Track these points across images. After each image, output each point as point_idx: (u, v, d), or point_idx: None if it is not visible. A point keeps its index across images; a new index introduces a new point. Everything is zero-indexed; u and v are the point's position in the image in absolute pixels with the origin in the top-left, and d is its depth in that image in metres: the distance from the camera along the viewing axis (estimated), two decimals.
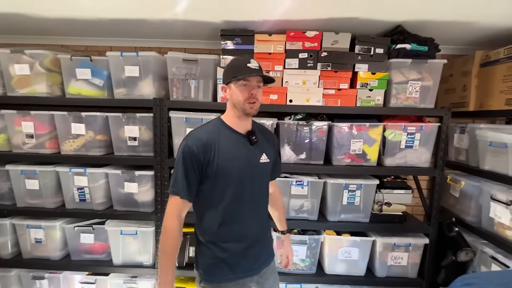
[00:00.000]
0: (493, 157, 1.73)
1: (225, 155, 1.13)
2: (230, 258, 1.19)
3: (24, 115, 1.87)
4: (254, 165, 1.20)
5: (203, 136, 1.14)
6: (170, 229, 1.13)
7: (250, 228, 1.22)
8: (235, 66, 1.16)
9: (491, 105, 1.77)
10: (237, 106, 1.15)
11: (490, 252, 1.67)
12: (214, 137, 1.14)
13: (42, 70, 1.83)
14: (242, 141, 1.19)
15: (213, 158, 1.12)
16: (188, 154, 1.11)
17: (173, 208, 1.14)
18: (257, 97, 1.14)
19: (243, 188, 1.17)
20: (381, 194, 1.89)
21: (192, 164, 1.11)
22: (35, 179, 1.89)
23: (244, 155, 1.18)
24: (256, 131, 1.24)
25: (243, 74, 1.11)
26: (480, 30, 1.79)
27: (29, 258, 1.98)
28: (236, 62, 1.18)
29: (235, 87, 1.14)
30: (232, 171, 1.14)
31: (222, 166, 1.13)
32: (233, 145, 1.16)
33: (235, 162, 1.15)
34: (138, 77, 1.82)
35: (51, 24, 1.91)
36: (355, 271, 1.92)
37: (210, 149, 1.12)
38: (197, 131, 1.19)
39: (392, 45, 1.78)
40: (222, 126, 1.19)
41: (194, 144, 1.11)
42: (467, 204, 1.91)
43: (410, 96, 1.80)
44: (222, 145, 1.14)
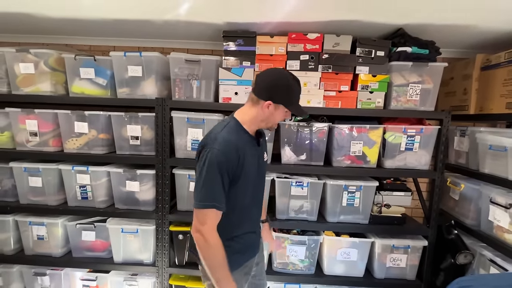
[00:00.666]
0: (493, 160, 1.73)
1: (248, 159, 1.13)
2: (243, 248, 1.27)
3: (28, 113, 1.89)
4: (261, 164, 1.25)
5: (233, 139, 1.10)
6: (215, 245, 1.07)
7: (257, 219, 1.36)
8: (292, 93, 1.16)
9: (492, 109, 1.78)
10: (268, 123, 1.20)
11: (489, 255, 1.68)
12: (239, 140, 1.13)
13: (47, 69, 1.85)
14: (254, 142, 1.22)
15: (243, 161, 1.10)
16: (223, 160, 1.04)
17: (212, 223, 1.07)
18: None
19: (255, 187, 1.23)
20: (380, 196, 1.90)
21: (227, 170, 1.05)
22: (38, 176, 1.92)
23: (256, 157, 1.21)
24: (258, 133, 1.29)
25: (296, 106, 1.18)
26: (481, 34, 1.80)
27: (31, 254, 2.01)
28: (294, 89, 1.16)
29: (282, 111, 1.17)
30: (251, 172, 1.17)
31: (246, 168, 1.12)
32: (251, 149, 1.17)
33: (253, 166, 1.18)
34: (141, 77, 1.84)
35: (55, 24, 1.94)
36: (353, 272, 1.93)
37: (240, 152, 1.09)
38: (223, 134, 1.11)
39: (393, 48, 1.79)
40: (240, 128, 1.18)
41: (228, 148, 1.06)
42: (467, 207, 1.91)
43: (411, 98, 1.81)
44: (245, 149, 1.13)
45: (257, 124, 1.20)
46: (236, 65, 1.82)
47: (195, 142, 1.85)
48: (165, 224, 1.90)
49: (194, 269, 1.94)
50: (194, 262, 1.95)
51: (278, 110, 1.16)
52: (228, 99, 1.83)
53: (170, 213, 1.91)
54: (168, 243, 1.92)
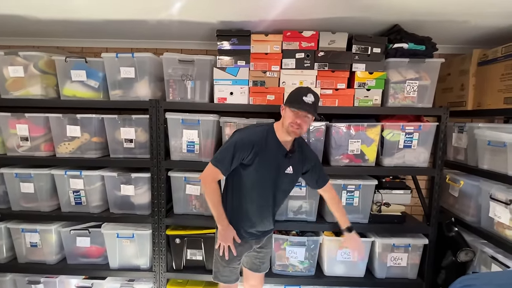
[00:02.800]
0: (492, 156, 1.72)
1: (263, 158, 1.40)
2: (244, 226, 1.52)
3: (18, 118, 1.85)
4: (280, 172, 1.46)
5: (253, 139, 1.40)
6: (211, 189, 1.43)
7: (261, 216, 1.51)
8: (295, 94, 1.38)
9: (489, 104, 1.76)
10: (284, 125, 1.39)
11: (490, 252, 1.66)
12: (261, 141, 1.40)
13: (37, 72, 1.81)
14: (280, 151, 1.44)
15: (254, 156, 1.39)
16: (239, 146, 1.38)
17: (211, 174, 1.42)
18: (301, 125, 1.36)
19: (266, 183, 1.45)
20: (379, 195, 1.87)
21: (238, 153, 1.38)
22: (30, 182, 1.87)
23: (276, 162, 1.44)
24: (296, 146, 1.49)
25: (296, 105, 1.34)
26: (477, 29, 1.79)
27: (24, 262, 1.96)
28: (298, 90, 1.40)
29: (288, 109, 1.37)
30: (264, 168, 1.42)
31: (257, 163, 1.40)
32: (272, 153, 1.42)
33: (268, 165, 1.42)
34: (134, 78, 1.80)
35: (46, 26, 1.90)
36: (354, 272, 1.91)
37: (255, 150, 1.38)
38: (251, 132, 1.45)
39: (389, 45, 1.77)
40: (271, 134, 1.44)
41: (245, 141, 1.39)
42: (467, 204, 1.90)
43: (408, 95, 1.79)
44: (266, 150, 1.40)
45: (283, 130, 1.41)
46: (230, 65, 1.79)
47: (191, 144, 1.82)
48: (162, 228, 1.87)
49: (192, 273, 1.90)
50: (192, 266, 1.92)
51: (286, 111, 1.38)
52: (224, 99, 1.80)
53: (167, 216, 1.87)
54: (165, 247, 1.88)
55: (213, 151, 1.83)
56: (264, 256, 1.65)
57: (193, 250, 1.89)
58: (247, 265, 1.66)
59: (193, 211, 1.92)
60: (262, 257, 1.64)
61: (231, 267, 1.54)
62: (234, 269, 1.56)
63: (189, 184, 1.86)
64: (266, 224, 1.55)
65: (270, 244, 1.69)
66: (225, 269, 1.54)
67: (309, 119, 1.38)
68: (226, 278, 1.56)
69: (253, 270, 1.65)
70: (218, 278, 1.57)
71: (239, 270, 1.60)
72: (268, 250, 1.67)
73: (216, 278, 1.58)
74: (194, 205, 1.92)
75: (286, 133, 1.41)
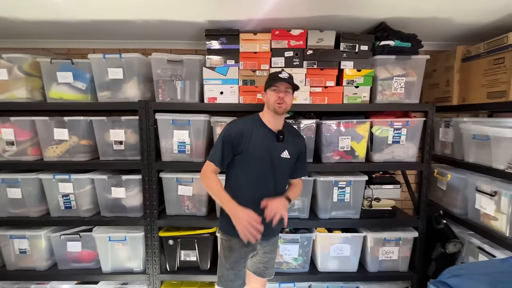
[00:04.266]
0: (477, 149, 1.77)
1: (253, 143, 1.41)
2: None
3: (3, 122, 1.80)
4: (274, 157, 1.45)
5: (240, 126, 1.43)
6: (210, 177, 1.41)
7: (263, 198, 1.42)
8: (270, 77, 1.47)
9: (474, 99, 1.81)
10: (270, 106, 1.42)
11: (477, 243, 1.71)
12: (249, 129, 1.43)
13: (21, 74, 1.77)
14: (271, 136, 1.45)
15: (244, 144, 1.41)
16: (227, 137, 1.41)
17: (206, 169, 1.44)
18: (284, 99, 1.40)
19: (262, 169, 1.44)
20: (370, 190, 1.91)
21: (228, 144, 1.41)
22: (17, 187, 1.83)
23: (269, 147, 1.44)
24: (286, 132, 1.48)
25: (274, 82, 1.40)
26: (460, 26, 1.83)
27: (13, 269, 1.92)
28: (271, 74, 1.49)
29: (269, 92, 1.43)
30: (255, 155, 1.42)
31: (248, 150, 1.42)
32: (262, 138, 1.43)
33: (259, 150, 1.43)
34: (122, 79, 1.78)
35: (30, 27, 1.85)
36: (347, 267, 1.93)
37: (244, 137, 1.41)
38: (239, 121, 1.48)
39: (376, 42, 1.80)
40: (259, 122, 1.47)
41: (233, 131, 1.41)
42: (454, 197, 1.94)
43: (395, 92, 1.82)
44: (254, 136, 1.42)
45: (269, 113, 1.45)
46: (220, 64, 1.79)
47: (182, 144, 1.81)
48: (154, 230, 1.85)
49: (187, 274, 1.90)
50: (186, 267, 1.91)
51: (268, 93, 1.44)
52: (214, 99, 1.80)
53: (159, 218, 1.86)
54: (158, 249, 1.87)
55: (204, 151, 1.83)
56: (268, 261, 1.59)
57: (186, 251, 1.88)
58: (251, 269, 1.61)
59: (185, 212, 1.91)
60: (266, 262, 1.58)
61: (236, 271, 1.48)
62: (239, 273, 1.50)
63: (181, 184, 1.85)
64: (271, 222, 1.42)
65: (275, 249, 1.64)
66: (230, 273, 1.47)
67: (290, 93, 1.42)
68: (231, 284, 1.48)
69: (257, 274, 1.60)
70: (222, 283, 1.50)
71: (244, 274, 1.53)
72: (273, 256, 1.62)
73: (220, 283, 1.51)
74: (187, 206, 1.91)
75: (272, 114, 1.43)
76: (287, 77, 1.41)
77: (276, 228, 1.52)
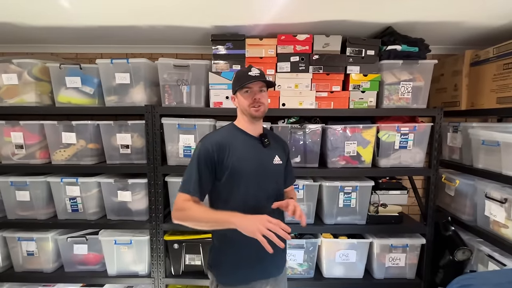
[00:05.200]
0: (486, 155, 1.74)
1: (238, 156, 1.19)
2: (244, 260, 1.22)
3: (13, 126, 1.83)
4: (266, 166, 1.24)
5: (218, 138, 1.21)
6: (187, 206, 1.12)
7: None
8: (238, 76, 1.24)
9: (483, 104, 1.78)
10: (244, 112, 1.23)
11: (487, 251, 1.68)
12: (228, 139, 1.21)
13: (31, 79, 1.80)
14: (255, 143, 1.25)
15: (227, 158, 1.17)
16: (203, 153, 1.17)
17: (178, 203, 1.15)
18: (261, 101, 1.20)
19: (255, 187, 1.21)
20: (376, 196, 1.88)
21: (206, 163, 1.16)
22: (26, 190, 1.86)
23: (257, 156, 1.23)
24: (269, 136, 1.30)
25: (245, 82, 1.18)
26: (469, 30, 1.81)
27: (21, 271, 1.94)
28: (239, 73, 1.26)
29: (240, 95, 1.22)
30: (245, 170, 1.19)
31: (235, 165, 1.17)
32: (246, 147, 1.22)
33: (248, 163, 1.20)
34: (129, 84, 1.80)
35: (39, 33, 1.89)
36: (353, 273, 1.91)
37: (224, 149, 1.18)
38: (212, 134, 1.27)
39: (382, 47, 1.78)
40: (235, 130, 1.27)
41: (209, 144, 1.18)
42: (462, 203, 1.91)
43: (402, 96, 1.80)
44: (236, 146, 1.20)
45: (246, 120, 1.25)
46: (226, 69, 1.80)
47: (187, 149, 1.81)
48: (160, 233, 1.86)
49: (191, 278, 1.89)
50: (191, 271, 1.91)
51: (239, 97, 1.23)
52: (219, 103, 1.80)
53: (164, 222, 1.87)
54: (163, 253, 1.87)
55: None
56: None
57: (191, 255, 1.88)
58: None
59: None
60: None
61: None
62: None
63: None
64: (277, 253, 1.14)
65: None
66: None
67: (265, 92, 1.23)
68: None
69: None
70: None
71: None
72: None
73: None
74: None
75: (249, 120, 1.22)
76: (258, 74, 1.19)
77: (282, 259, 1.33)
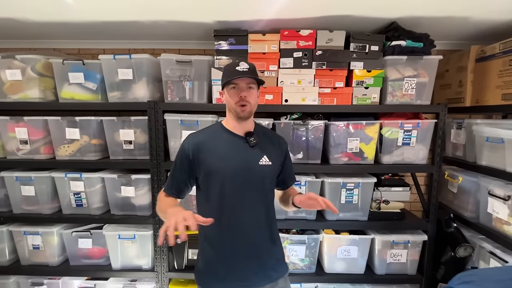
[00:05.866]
0: (490, 152, 1.73)
1: (217, 156, 1.16)
2: (223, 264, 1.18)
3: (17, 121, 1.85)
4: (251, 167, 1.17)
5: (198, 138, 1.20)
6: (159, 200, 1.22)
7: (244, 233, 1.16)
8: (226, 71, 1.17)
9: (488, 100, 1.76)
10: (231, 109, 1.18)
11: (489, 247, 1.68)
12: (209, 138, 1.19)
13: (34, 75, 1.80)
14: (240, 143, 1.19)
15: (204, 158, 1.15)
16: (180, 153, 1.19)
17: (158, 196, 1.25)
18: (247, 99, 1.12)
19: (233, 188, 1.15)
20: (379, 192, 1.88)
21: (182, 163, 1.18)
22: (31, 185, 1.88)
23: (240, 157, 1.16)
24: (260, 134, 1.23)
25: (232, 77, 1.11)
26: (475, 25, 1.78)
27: (27, 264, 1.97)
28: (227, 67, 1.19)
29: (226, 91, 1.16)
30: (223, 170, 1.14)
31: (212, 165, 1.15)
32: (228, 147, 1.17)
33: (229, 163, 1.15)
34: (132, 79, 1.80)
35: (42, 28, 1.88)
36: (354, 269, 1.92)
37: (202, 149, 1.16)
38: (195, 133, 1.25)
39: (387, 42, 1.76)
40: (221, 129, 1.23)
41: (188, 144, 1.18)
42: (465, 200, 1.91)
43: (406, 93, 1.79)
44: (217, 146, 1.17)
45: (231, 116, 1.20)
46: None
47: None
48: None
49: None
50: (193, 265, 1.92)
51: (225, 93, 1.18)
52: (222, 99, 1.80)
53: None
54: (167, 247, 1.89)
55: None
56: None
57: (194, 250, 1.90)
58: None
59: (194, 211, 1.92)
60: None
61: None
62: None
63: None
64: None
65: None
66: None
67: (254, 90, 1.14)
68: None
69: None
70: None
71: None
72: None
73: None
74: (194, 205, 1.92)
75: (235, 118, 1.16)
76: (247, 69, 1.10)
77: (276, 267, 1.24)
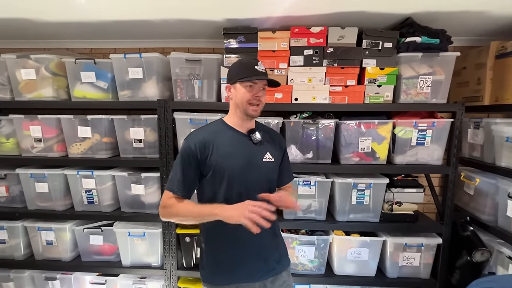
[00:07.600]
0: (510, 153, 1.65)
1: (223, 153, 1.14)
2: (227, 261, 1.19)
3: (32, 119, 1.89)
4: (255, 164, 1.17)
5: (202, 135, 1.17)
6: (170, 203, 1.14)
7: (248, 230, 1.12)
8: (243, 66, 1.15)
9: (508, 99, 1.68)
10: (240, 106, 1.15)
11: (508, 253, 1.61)
12: (213, 136, 1.16)
13: (48, 74, 1.84)
14: (244, 140, 1.19)
15: (211, 156, 1.13)
16: (186, 152, 1.14)
17: (164, 201, 1.17)
18: (261, 99, 1.14)
19: (240, 185, 1.15)
20: (391, 193, 1.84)
21: (190, 161, 1.14)
22: (44, 182, 1.92)
23: (244, 154, 1.16)
24: (260, 131, 1.23)
25: (251, 75, 1.10)
26: (495, 20, 1.70)
27: (41, 259, 2.02)
28: (244, 62, 1.18)
29: (241, 87, 1.13)
30: (229, 168, 1.14)
31: (219, 163, 1.14)
32: (232, 144, 1.17)
33: (234, 161, 1.15)
34: (142, 78, 1.81)
35: (55, 28, 1.92)
36: (365, 271, 1.88)
37: (208, 147, 1.14)
38: (197, 131, 1.22)
39: (401, 39, 1.71)
40: (223, 127, 1.21)
41: (193, 142, 1.14)
42: (483, 202, 1.83)
43: (421, 91, 1.73)
44: (221, 143, 1.15)
45: (238, 115, 1.18)
46: None
47: None
48: (172, 226, 1.89)
49: None
50: None
51: (238, 88, 1.14)
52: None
53: None
54: (176, 245, 1.90)
55: None
56: None
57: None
58: None
59: None
60: None
61: None
62: None
63: None
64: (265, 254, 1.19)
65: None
66: None
67: (264, 91, 1.16)
68: None
69: None
70: None
71: None
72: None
73: None
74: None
75: (242, 117, 1.16)
76: (264, 70, 1.13)
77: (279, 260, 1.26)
